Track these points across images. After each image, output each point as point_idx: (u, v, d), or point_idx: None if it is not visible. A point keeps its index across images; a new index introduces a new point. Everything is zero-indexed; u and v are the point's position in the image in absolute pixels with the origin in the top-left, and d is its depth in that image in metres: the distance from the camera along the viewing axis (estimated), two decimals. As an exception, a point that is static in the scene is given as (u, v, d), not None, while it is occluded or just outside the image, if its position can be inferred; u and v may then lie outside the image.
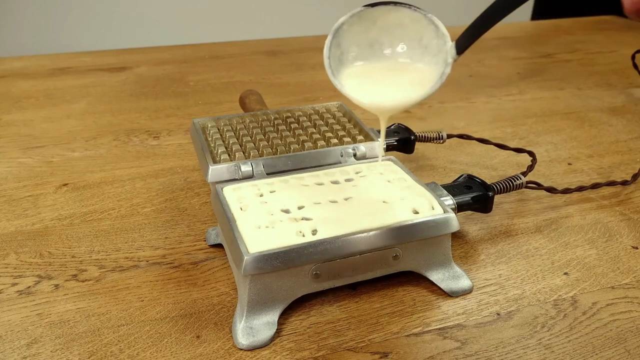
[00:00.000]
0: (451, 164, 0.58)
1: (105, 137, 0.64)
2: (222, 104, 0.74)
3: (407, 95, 0.38)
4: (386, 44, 0.40)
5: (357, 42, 0.40)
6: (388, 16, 0.39)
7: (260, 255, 0.34)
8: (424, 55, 0.39)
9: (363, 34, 0.40)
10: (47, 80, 0.82)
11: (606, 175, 0.56)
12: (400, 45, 0.40)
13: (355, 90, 0.38)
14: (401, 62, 0.40)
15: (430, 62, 0.39)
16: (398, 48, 0.40)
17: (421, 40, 0.39)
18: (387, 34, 0.40)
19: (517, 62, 0.91)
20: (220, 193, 0.40)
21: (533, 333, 0.37)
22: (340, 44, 0.39)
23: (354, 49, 0.40)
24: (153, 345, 0.36)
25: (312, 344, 0.36)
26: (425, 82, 0.38)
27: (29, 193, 0.53)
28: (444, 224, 0.38)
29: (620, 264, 0.43)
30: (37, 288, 0.41)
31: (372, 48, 0.40)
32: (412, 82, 0.39)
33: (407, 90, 0.38)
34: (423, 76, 0.39)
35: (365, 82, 0.40)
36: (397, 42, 0.40)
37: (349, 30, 0.39)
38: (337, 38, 0.39)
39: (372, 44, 0.40)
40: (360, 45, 0.40)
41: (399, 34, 0.40)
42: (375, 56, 0.40)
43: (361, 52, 0.40)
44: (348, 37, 0.40)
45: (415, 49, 0.40)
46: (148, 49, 0.98)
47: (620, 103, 0.75)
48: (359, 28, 0.39)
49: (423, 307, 0.39)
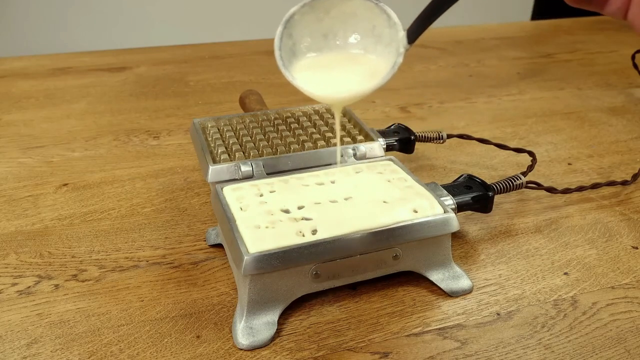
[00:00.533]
0: (451, 164, 0.58)
1: (105, 137, 0.64)
2: (222, 104, 0.74)
3: (360, 86, 0.38)
4: (340, 34, 0.40)
5: (310, 33, 0.40)
6: (341, 6, 0.39)
7: (260, 255, 0.34)
8: (377, 45, 0.39)
9: (316, 24, 0.39)
10: (47, 80, 0.82)
11: (606, 175, 0.56)
12: (353, 35, 0.40)
13: (307, 83, 0.38)
14: (354, 52, 0.40)
15: (383, 52, 0.39)
16: (351, 38, 0.40)
17: (374, 30, 0.39)
18: (341, 24, 0.40)
19: (517, 62, 0.91)
20: (220, 193, 0.40)
21: (533, 333, 0.37)
22: (292, 35, 0.39)
23: (307, 40, 0.40)
24: (153, 345, 0.36)
25: (312, 344, 0.36)
26: (377, 72, 0.38)
27: (29, 193, 0.53)
28: (444, 224, 0.38)
29: (620, 264, 0.43)
30: (37, 288, 0.41)
31: (326, 38, 0.40)
32: (364, 73, 0.39)
33: (360, 82, 0.38)
34: (375, 67, 0.38)
35: (317, 73, 0.39)
36: (350, 32, 0.40)
37: (301, 20, 0.39)
38: (289, 28, 0.39)
39: (326, 34, 0.40)
40: (313, 35, 0.40)
41: (352, 24, 0.40)
42: (329, 47, 0.40)
43: (314, 42, 0.40)
44: (300, 28, 0.39)
45: (368, 39, 0.39)
46: (148, 49, 0.98)
47: (620, 103, 0.75)
48: (311, 18, 0.39)
49: (423, 307, 0.39)
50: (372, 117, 0.70)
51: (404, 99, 0.76)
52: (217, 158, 0.44)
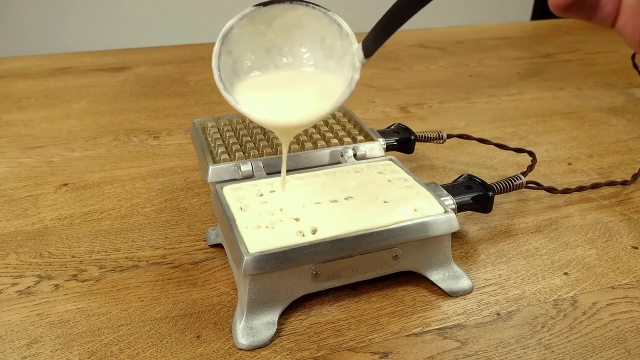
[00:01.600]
0: (451, 164, 0.58)
1: (105, 137, 0.64)
2: (222, 104, 0.74)
3: (315, 109, 0.33)
4: (285, 48, 0.36)
5: (252, 48, 0.35)
6: (284, 16, 0.35)
7: (260, 255, 0.34)
8: (329, 59, 0.35)
9: (257, 38, 0.35)
10: (47, 80, 0.82)
11: (606, 175, 0.56)
12: (301, 49, 0.35)
13: (253, 107, 0.34)
14: (304, 70, 0.35)
15: (335, 67, 0.35)
16: (299, 53, 0.35)
17: (324, 42, 0.35)
18: (286, 37, 0.35)
19: (517, 62, 0.91)
20: (220, 193, 0.40)
21: (533, 333, 0.37)
22: (231, 52, 0.35)
23: (249, 56, 0.35)
24: (153, 345, 0.36)
25: (312, 344, 0.36)
26: (331, 92, 0.33)
27: (29, 193, 0.53)
28: (444, 224, 0.38)
29: (620, 264, 0.43)
30: (37, 288, 0.41)
31: (270, 54, 0.35)
32: (316, 94, 0.34)
33: (314, 105, 0.34)
34: (328, 85, 0.34)
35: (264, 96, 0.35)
36: (297, 46, 0.35)
37: (241, 34, 0.34)
38: (227, 45, 0.34)
39: (269, 49, 0.35)
40: (256, 51, 0.35)
41: (299, 36, 0.35)
42: (274, 64, 0.36)
43: (257, 59, 0.35)
44: (240, 43, 0.35)
45: (318, 52, 0.35)
46: (148, 49, 0.98)
47: (620, 103, 0.75)
48: (251, 31, 0.35)
49: (423, 307, 0.39)
50: (372, 117, 0.70)
51: (404, 99, 0.76)
52: (217, 158, 0.44)
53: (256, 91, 0.35)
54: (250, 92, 0.35)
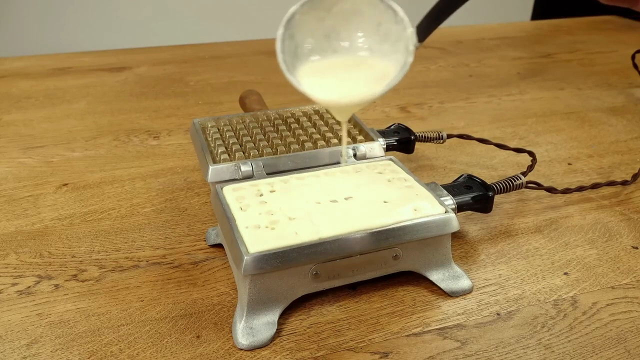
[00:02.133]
0: (451, 164, 0.58)
1: (105, 137, 0.64)
2: (222, 104, 0.74)
3: (369, 90, 0.36)
4: (343, 33, 0.37)
5: (312, 33, 0.37)
6: (343, 3, 0.37)
7: (260, 255, 0.34)
8: (383, 44, 0.37)
9: (318, 23, 0.37)
10: (47, 80, 0.82)
11: (606, 175, 0.56)
12: (358, 34, 0.37)
13: (314, 88, 0.36)
14: (360, 55, 0.38)
15: (390, 51, 0.37)
16: (356, 38, 0.37)
17: (380, 27, 0.37)
18: (344, 22, 0.37)
19: (517, 62, 0.91)
20: (220, 193, 0.40)
21: (533, 333, 0.37)
22: (294, 36, 0.37)
23: (310, 41, 0.37)
24: (153, 345, 0.36)
25: (312, 344, 0.36)
26: (386, 74, 0.36)
27: (29, 193, 0.53)
28: (444, 224, 0.38)
29: (620, 264, 0.43)
30: (37, 288, 0.41)
31: (329, 38, 0.37)
32: (372, 76, 0.37)
33: (369, 85, 0.36)
34: (383, 68, 0.36)
35: (324, 78, 0.37)
36: (354, 30, 0.37)
37: (302, 20, 0.36)
38: (290, 29, 0.36)
39: (329, 34, 0.37)
40: (316, 36, 0.37)
41: (356, 22, 0.37)
42: (333, 48, 0.38)
43: (317, 43, 0.37)
44: (302, 28, 0.37)
45: (373, 37, 0.37)
46: (148, 49, 0.98)
47: (620, 103, 0.75)
48: (312, 17, 0.37)
49: (423, 307, 0.39)
50: (372, 117, 0.70)
51: (404, 99, 0.76)
52: (217, 158, 0.44)
53: (317, 74, 0.37)
54: (311, 74, 0.37)
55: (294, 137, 0.47)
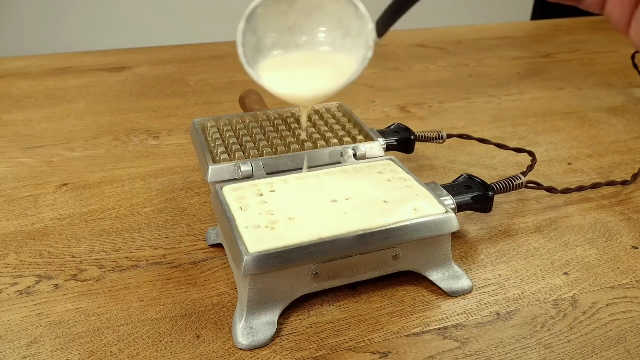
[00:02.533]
0: (451, 164, 0.58)
1: (105, 137, 0.64)
2: (222, 104, 0.74)
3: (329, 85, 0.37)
4: (306, 27, 0.38)
5: (275, 27, 0.38)
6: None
7: (260, 255, 0.34)
8: (345, 38, 0.38)
9: (280, 17, 0.38)
10: (47, 80, 0.82)
11: (606, 175, 0.56)
12: (320, 28, 0.38)
13: (274, 82, 0.37)
14: (321, 50, 0.38)
15: (352, 46, 0.37)
16: (318, 33, 0.38)
17: (342, 22, 0.37)
18: (306, 17, 0.38)
19: (517, 62, 0.91)
20: (220, 193, 0.40)
21: (533, 333, 0.37)
22: (255, 30, 0.37)
23: (272, 35, 0.38)
24: (153, 345, 0.36)
25: (312, 344, 0.36)
26: (346, 69, 0.36)
27: (29, 193, 0.53)
28: (444, 224, 0.38)
29: (620, 264, 0.43)
30: (37, 288, 0.41)
31: (291, 32, 0.38)
32: (333, 71, 0.37)
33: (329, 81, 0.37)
34: (344, 64, 0.37)
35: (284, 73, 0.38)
36: (317, 25, 0.38)
37: (265, 14, 0.37)
38: (252, 23, 0.37)
39: (291, 28, 0.38)
40: (279, 30, 0.38)
41: (319, 16, 0.38)
42: (295, 42, 0.38)
43: (280, 37, 0.38)
44: (264, 22, 0.37)
45: (335, 32, 0.38)
46: (148, 49, 0.98)
47: (620, 103, 0.75)
48: (275, 12, 0.37)
49: (423, 307, 0.39)
50: (372, 117, 0.70)
51: (404, 99, 0.76)
52: (217, 158, 0.44)
53: (277, 68, 0.38)
54: (271, 68, 0.38)
55: (294, 137, 0.47)
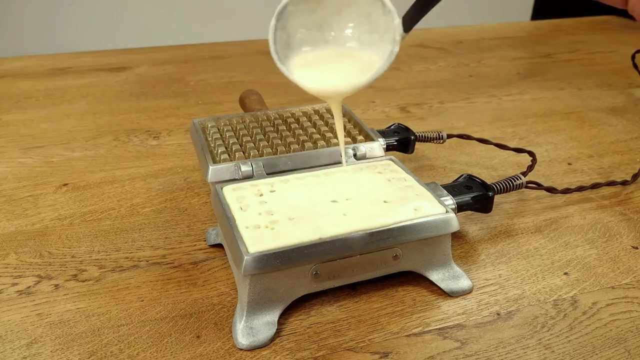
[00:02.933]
0: (451, 164, 0.58)
1: (105, 137, 0.64)
2: (222, 104, 0.74)
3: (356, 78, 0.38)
4: (334, 23, 0.39)
5: (304, 24, 0.39)
6: None
7: (260, 255, 0.34)
8: (373, 34, 0.38)
9: (309, 14, 0.38)
10: (47, 80, 0.82)
11: (606, 175, 0.56)
12: (348, 24, 0.39)
13: (305, 77, 0.38)
14: (349, 46, 0.39)
15: (379, 41, 0.38)
16: (346, 28, 0.39)
17: (369, 18, 0.38)
18: (334, 13, 0.39)
19: (517, 62, 0.91)
20: (220, 193, 0.40)
21: (533, 333, 0.37)
22: (286, 27, 0.38)
23: (301, 31, 0.39)
24: (153, 345, 0.36)
25: (312, 344, 0.36)
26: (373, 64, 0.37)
27: (29, 193, 0.53)
28: (444, 224, 0.38)
29: (620, 264, 0.43)
30: (37, 288, 0.41)
31: (320, 29, 0.39)
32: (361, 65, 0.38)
33: (357, 75, 0.38)
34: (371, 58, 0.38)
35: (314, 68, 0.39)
36: (344, 21, 0.39)
37: (294, 11, 0.38)
38: (282, 21, 0.38)
39: (320, 25, 0.39)
40: (308, 26, 0.39)
41: (347, 12, 0.39)
42: (324, 38, 0.39)
43: (309, 34, 0.39)
44: (294, 19, 0.38)
45: (363, 27, 0.39)
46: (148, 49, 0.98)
47: (620, 103, 0.75)
48: (304, 9, 0.38)
49: (423, 307, 0.39)
50: (372, 117, 0.70)
51: (404, 99, 0.76)
52: (217, 158, 0.44)
53: (307, 64, 0.39)
54: (302, 64, 0.39)
55: (294, 137, 0.47)
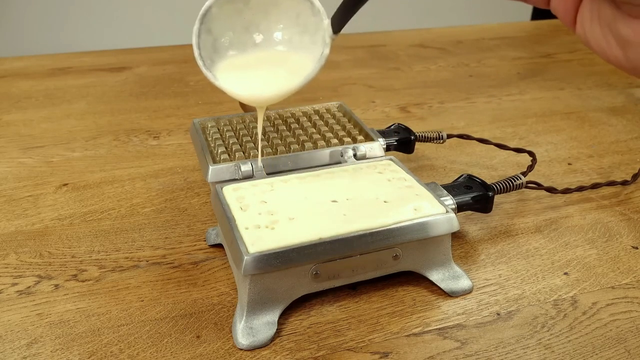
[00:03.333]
0: (451, 164, 0.58)
1: (105, 137, 0.64)
2: (222, 104, 0.74)
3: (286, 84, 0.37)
4: (262, 25, 0.38)
5: (231, 26, 0.37)
6: None
7: (260, 255, 0.34)
8: (303, 35, 0.37)
9: (236, 16, 0.37)
10: (47, 80, 0.82)
11: (606, 175, 0.56)
12: (277, 25, 0.38)
13: (230, 83, 0.37)
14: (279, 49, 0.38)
15: (310, 43, 0.37)
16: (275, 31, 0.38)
17: (298, 19, 0.37)
18: (263, 15, 0.37)
19: (517, 62, 0.91)
20: (220, 193, 0.40)
21: (533, 333, 0.37)
22: (211, 30, 0.37)
23: (228, 34, 0.37)
24: (153, 345, 0.36)
25: (312, 344, 0.36)
26: (304, 68, 0.36)
27: (29, 193, 0.53)
28: (444, 224, 0.38)
29: (620, 264, 0.43)
30: (37, 288, 0.41)
31: (248, 31, 0.38)
32: (290, 70, 0.37)
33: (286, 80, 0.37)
34: (302, 62, 0.37)
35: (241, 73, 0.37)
36: (273, 22, 0.38)
37: (220, 13, 0.37)
38: (207, 23, 0.37)
39: (248, 27, 0.38)
40: (235, 29, 0.38)
41: (275, 13, 0.37)
42: (252, 40, 0.38)
43: (236, 36, 0.38)
44: (220, 22, 0.37)
45: (293, 29, 0.37)
46: (148, 49, 0.98)
47: (620, 103, 0.75)
48: (230, 10, 0.37)
49: (423, 307, 0.39)
50: (372, 117, 0.70)
51: (404, 99, 0.76)
52: (217, 158, 0.44)
53: (234, 68, 0.37)
54: (228, 69, 0.37)
55: (294, 137, 0.47)
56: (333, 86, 0.79)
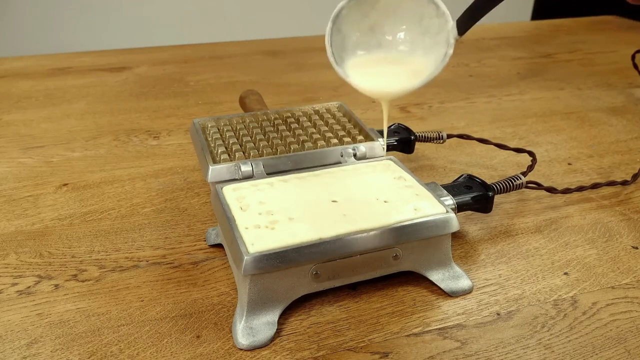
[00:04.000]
0: (451, 164, 0.58)
1: (105, 137, 0.64)
2: (222, 104, 0.74)
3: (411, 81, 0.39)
4: (386, 27, 0.40)
5: (358, 27, 0.40)
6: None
7: (260, 255, 0.34)
8: (425, 36, 0.39)
9: (363, 17, 0.40)
10: (47, 80, 0.82)
11: (606, 175, 0.56)
12: (401, 27, 0.40)
13: (361, 80, 0.39)
14: (402, 49, 0.40)
15: (431, 43, 0.39)
16: (398, 31, 0.40)
17: (422, 21, 0.39)
18: (387, 17, 0.40)
19: (517, 62, 0.91)
20: (220, 193, 0.40)
21: (533, 333, 0.37)
22: (340, 30, 0.39)
23: (355, 34, 0.40)
24: (153, 345, 0.36)
25: (312, 344, 0.36)
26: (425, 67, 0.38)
27: (29, 193, 0.53)
28: (444, 224, 0.38)
29: (620, 264, 0.43)
30: (37, 288, 0.41)
31: (373, 32, 0.40)
32: (414, 69, 0.39)
33: (411, 77, 0.39)
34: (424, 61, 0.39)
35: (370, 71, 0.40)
36: (397, 24, 0.40)
37: (349, 15, 0.39)
38: (337, 24, 0.39)
39: (373, 27, 0.40)
40: (361, 29, 0.40)
41: (400, 15, 0.40)
42: (377, 41, 0.40)
43: (362, 37, 0.40)
44: (348, 22, 0.39)
45: (415, 30, 0.40)
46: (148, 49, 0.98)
47: (620, 103, 0.75)
48: (358, 12, 0.39)
49: (423, 307, 0.39)
50: (372, 117, 0.70)
51: (404, 99, 0.76)
52: (217, 158, 0.44)
53: (362, 66, 0.40)
54: (357, 66, 0.40)
55: (294, 137, 0.47)
56: (333, 86, 0.80)
